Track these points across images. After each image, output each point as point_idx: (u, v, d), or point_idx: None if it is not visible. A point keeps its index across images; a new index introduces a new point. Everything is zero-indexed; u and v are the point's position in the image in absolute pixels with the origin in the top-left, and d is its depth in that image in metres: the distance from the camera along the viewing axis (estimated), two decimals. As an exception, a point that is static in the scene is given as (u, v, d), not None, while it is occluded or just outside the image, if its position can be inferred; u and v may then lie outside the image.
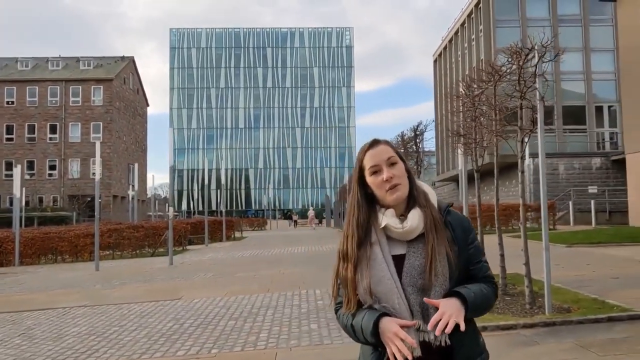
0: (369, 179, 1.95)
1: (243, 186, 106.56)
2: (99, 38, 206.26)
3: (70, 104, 53.97)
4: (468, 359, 1.85)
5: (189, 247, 24.69)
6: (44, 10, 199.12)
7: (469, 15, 44.59)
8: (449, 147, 49.67)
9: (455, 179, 46.98)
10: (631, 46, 21.87)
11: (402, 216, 1.91)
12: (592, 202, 25.80)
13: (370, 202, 1.97)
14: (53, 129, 53.75)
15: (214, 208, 72.20)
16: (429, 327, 1.75)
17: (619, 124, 36.68)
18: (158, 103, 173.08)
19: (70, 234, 20.75)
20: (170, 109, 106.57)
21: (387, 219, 1.90)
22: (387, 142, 2.00)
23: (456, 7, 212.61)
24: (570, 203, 27.65)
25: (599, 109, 38.76)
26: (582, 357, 5.15)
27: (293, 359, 5.87)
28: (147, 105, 67.59)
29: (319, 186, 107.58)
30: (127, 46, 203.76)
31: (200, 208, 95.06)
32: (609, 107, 38.87)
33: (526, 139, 7.25)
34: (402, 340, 1.74)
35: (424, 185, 2.01)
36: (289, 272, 13.69)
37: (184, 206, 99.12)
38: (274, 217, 76.16)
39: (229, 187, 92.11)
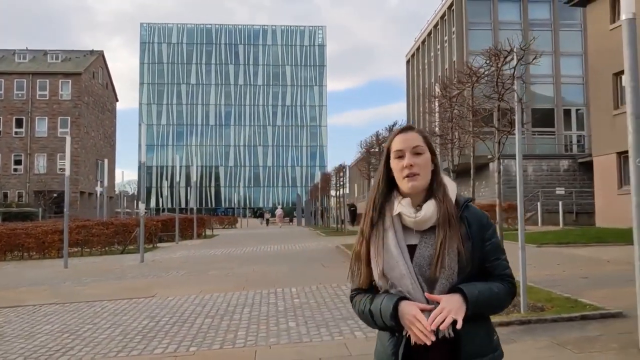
0: (392, 162, 1.97)
1: (213, 184, 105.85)
2: (67, 31, 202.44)
3: (37, 98, 52.75)
4: (479, 355, 1.86)
5: (159, 244, 24.41)
6: (10, 2, 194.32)
7: (442, 18, 45.03)
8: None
9: (425, 179, 47.40)
10: (600, 50, 22.35)
11: (419, 207, 1.92)
12: (560, 203, 26.31)
13: (390, 187, 1.98)
14: (19, 123, 52.49)
15: (183, 205, 71.57)
16: (429, 322, 1.76)
17: (586, 127, 37.50)
18: (127, 98, 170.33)
19: (37, 231, 20.31)
20: (140, 104, 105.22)
21: (401, 207, 1.92)
22: (420, 131, 2.00)
23: (428, 9, 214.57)
24: (539, 204, 28.15)
25: (567, 112, 39.55)
26: (559, 354, 5.25)
27: (273, 356, 5.85)
28: (117, 100, 66.56)
29: (290, 185, 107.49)
30: (96, 40, 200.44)
31: (170, 205, 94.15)
32: (577, 110, 39.69)
33: (503, 140, 7.36)
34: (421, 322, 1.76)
35: (446, 179, 2.01)
36: (263, 270, 13.64)
37: (153, 203, 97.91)
38: (244, 216, 75.82)
39: (199, 185, 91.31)
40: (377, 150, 16.81)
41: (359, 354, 5.74)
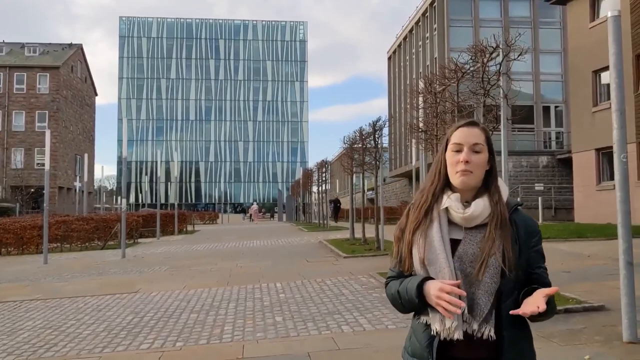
0: (448, 154, 1.93)
1: (193, 179, 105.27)
2: (44, 24, 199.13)
3: (15, 92, 51.84)
4: None
5: (140, 240, 24.21)
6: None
7: (423, 14, 45.21)
8: (402, 143, 50.37)
9: (407, 175, 47.59)
10: (579, 48, 22.63)
11: (467, 203, 1.90)
12: (540, 199, 26.62)
13: (447, 179, 1.96)
14: (-5, 117, 51.59)
15: (163, 201, 70.95)
16: (526, 307, 1.72)
17: (565, 124, 37.99)
18: (106, 93, 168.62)
19: (15, 226, 20.00)
20: (119, 99, 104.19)
21: (450, 201, 1.89)
22: (483, 129, 1.96)
23: (409, 6, 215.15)
24: (518, 199, 28.45)
25: (546, 109, 40.03)
26: (546, 346, 5.31)
27: (261, 351, 5.83)
28: (96, 94, 65.73)
29: (271, 180, 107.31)
30: (74, 33, 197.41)
31: (149, 201, 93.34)
32: (556, 107, 40.18)
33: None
34: (448, 294, 1.73)
35: (500, 180, 1.97)
36: (247, 265, 13.60)
37: (132, 199, 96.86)
38: (225, 211, 75.48)
39: (179, 180, 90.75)
40: (360, 145, 16.82)
41: (347, 348, 5.76)
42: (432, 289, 1.77)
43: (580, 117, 22.80)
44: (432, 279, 1.82)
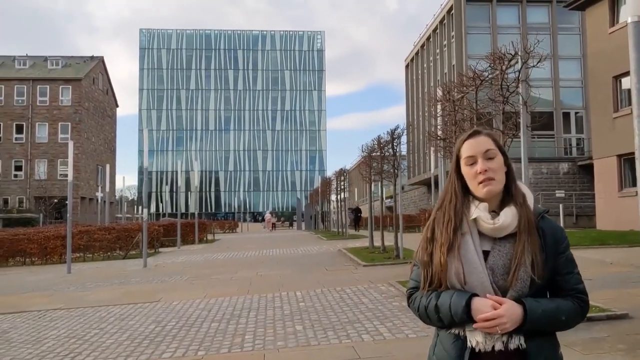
0: (464, 169, 1.92)
1: (213, 188, 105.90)
2: (65, 37, 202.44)
3: (38, 104, 52.80)
4: None
5: (161, 249, 24.41)
6: (9, 8, 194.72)
7: (441, 22, 45.15)
8: (420, 151, 50.20)
9: (426, 183, 47.39)
10: (599, 54, 22.43)
11: (494, 212, 1.88)
12: (561, 206, 26.32)
13: (465, 192, 1.94)
14: (19, 129, 52.50)
15: (183, 210, 71.48)
16: (477, 321, 1.76)
17: (585, 130, 37.56)
18: (126, 103, 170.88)
19: (39, 236, 20.31)
20: (140, 110, 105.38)
21: (479, 211, 1.87)
22: (488, 134, 1.94)
23: (425, 13, 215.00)
24: (540, 206, 28.14)
25: (566, 115, 39.64)
26: (568, 355, 5.24)
27: (282, 359, 5.87)
28: (117, 106, 66.61)
29: (290, 189, 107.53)
30: (95, 45, 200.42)
31: (170, 210, 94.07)
32: (576, 113, 39.77)
33: (508, 143, 7.40)
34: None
35: (522, 186, 1.96)
36: (267, 274, 13.65)
37: (153, 208, 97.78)
38: (244, 220, 75.76)
39: (198, 190, 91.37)
40: (378, 154, 16.82)
41: (368, 357, 5.76)
42: (483, 306, 1.76)
43: (601, 123, 22.56)
44: (476, 294, 1.80)
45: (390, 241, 17.46)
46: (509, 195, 1.91)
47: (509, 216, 1.85)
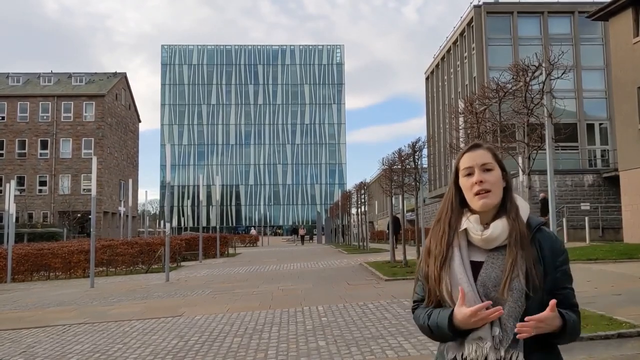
0: (461, 181, 1.93)
1: (234, 202, 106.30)
2: (87, 53, 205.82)
3: (62, 120, 53.73)
4: None
5: (183, 263, 24.50)
6: (33, 25, 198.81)
7: (461, 34, 45.06)
8: (441, 163, 49.91)
9: (447, 196, 47.16)
10: (624, 64, 22.14)
11: (487, 225, 1.87)
12: (586, 218, 25.90)
13: (463, 205, 1.95)
14: (44, 145, 53.41)
15: (204, 224, 71.77)
16: (518, 326, 1.71)
17: (610, 141, 37.05)
18: (147, 118, 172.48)
19: (63, 251, 20.53)
20: (162, 124, 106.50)
21: (468, 223, 1.88)
22: (488, 148, 1.96)
23: (445, 25, 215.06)
24: (564, 220, 27.73)
25: (590, 127, 39.17)
26: (599, 373, 5.13)
27: (305, 376, 5.80)
28: (139, 121, 67.43)
29: (310, 202, 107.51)
30: (117, 61, 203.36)
31: (191, 224, 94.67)
32: (600, 124, 39.28)
33: (533, 156, 7.29)
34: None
35: (518, 199, 1.95)
36: (288, 288, 13.60)
37: (175, 222, 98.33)
38: (265, 234, 75.87)
39: (220, 204, 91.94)
40: (399, 167, 16.74)
41: (393, 374, 5.67)
42: (464, 317, 1.75)
43: (627, 134, 22.21)
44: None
45: (412, 255, 17.30)
46: (504, 209, 1.90)
47: (498, 227, 1.85)
